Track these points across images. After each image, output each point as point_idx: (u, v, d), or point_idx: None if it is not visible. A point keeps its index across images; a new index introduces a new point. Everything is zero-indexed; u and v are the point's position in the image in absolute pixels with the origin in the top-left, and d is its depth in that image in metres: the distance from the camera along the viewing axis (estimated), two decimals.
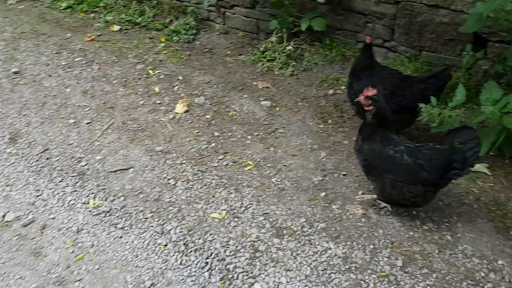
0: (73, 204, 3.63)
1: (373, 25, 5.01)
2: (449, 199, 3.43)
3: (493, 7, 3.13)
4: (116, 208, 3.57)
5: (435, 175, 2.95)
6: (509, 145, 3.61)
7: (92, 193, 3.71)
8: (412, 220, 3.27)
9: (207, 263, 3.08)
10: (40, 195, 3.74)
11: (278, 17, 5.28)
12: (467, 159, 2.90)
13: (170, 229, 3.33)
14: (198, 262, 3.09)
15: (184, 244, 3.20)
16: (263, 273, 2.98)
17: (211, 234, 3.25)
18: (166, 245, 3.23)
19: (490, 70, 4.07)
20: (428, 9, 4.54)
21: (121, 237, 3.33)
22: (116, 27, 6.53)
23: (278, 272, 2.97)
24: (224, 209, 3.46)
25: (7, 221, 3.51)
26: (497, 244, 3.02)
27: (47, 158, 4.12)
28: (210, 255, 3.12)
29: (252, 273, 3.00)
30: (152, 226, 3.38)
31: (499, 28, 4.16)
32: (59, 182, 3.85)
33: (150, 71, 5.52)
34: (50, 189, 3.79)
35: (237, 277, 2.98)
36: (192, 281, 2.98)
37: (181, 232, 3.29)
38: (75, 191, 3.75)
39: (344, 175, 3.76)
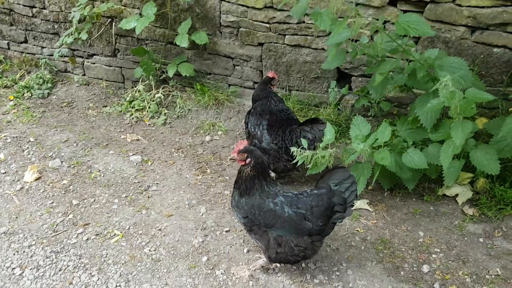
0: None
1: (241, 68, 4.87)
2: (336, 243, 3.25)
3: (342, 39, 3.14)
4: None
5: (319, 223, 2.74)
6: (386, 178, 3.60)
7: None
8: (302, 274, 2.99)
9: None
10: None
11: (142, 64, 4.89)
12: (347, 200, 2.75)
13: None
14: None
15: None
16: None
17: None
18: None
19: (356, 104, 4.12)
20: (291, 49, 4.54)
21: None
22: None
23: None
24: None
25: None
26: None
27: None
28: None
29: None
30: None
31: (360, 62, 4.27)
32: None
33: None
34: None
35: None
36: None
37: None
38: None
39: (227, 231, 3.39)
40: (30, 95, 5.48)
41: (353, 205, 2.81)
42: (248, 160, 2.83)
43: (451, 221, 3.41)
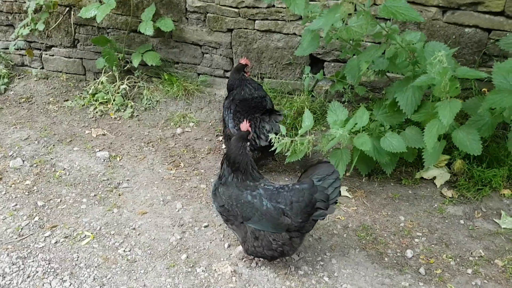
0: None
1: (210, 56, 4.69)
2: (318, 233, 3.17)
3: (332, 22, 2.98)
4: None
5: (299, 219, 2.62)
6: (363, 163, 3.55)
7: None
8: (285, 266, 2.90)
9: None
10: None
11: (104, 55, 4.63)
12: (329, 197, 2.63)
13: None
14: None
15: None
16: None
17: None
18: None
19: (331, 89, 4.03)
20: (262, 35, 4.40)
21: None
22: None
23: None
24: None
25: None
26: (375, 276, 2.81)
27: None
28: None
29: None
30: None
31: (332, 47, 4.18)
32: None
33: None
34: None
35: None
36: None
37: None
38: None
39: (205, 226, 3.26)
40: None
41: (336, 202, 2.69)
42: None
43: (430, 204, 3.40)
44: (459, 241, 3.09)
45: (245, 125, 2.84)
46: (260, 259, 2.91)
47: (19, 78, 5.37)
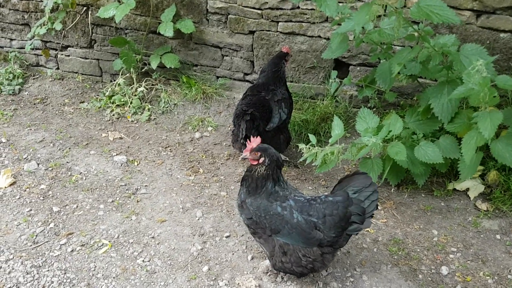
0: None
1: (231, 58, 4.56)
2: (346, 246, 2.99)
3: (363, 23, 2.81)
4: None
5: (332, 234, 2.46)
6: (393, 173, 3.38)
7: None
8: (313, 282, 2.74)
9: None
10: None
11: (122, 56, 4.51)
12: (366, 210, 2.47)
13: None
14: None
15: None
16: None
17: None
18: None
19: (359, 95, 3.87)
20: (285, 37, 4.26)
21: None
22: None
23: None
24: None
25: None
26: None
27: None
28: None
29: None
30: None
31: (358, 50, 4.03)
32: None
33: None
34: None
35: None
36: None
37: None
38: None
39: (227, 237, 3.11)
40: None
41: (372, 216, 2.53)
42: (261, 160, 2.55)
43: (464, 217, 3.23)
44: (496, 258, 2.91)
45: (255, 140, 2.67)
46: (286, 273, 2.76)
47: (33, 79, 5.28)
